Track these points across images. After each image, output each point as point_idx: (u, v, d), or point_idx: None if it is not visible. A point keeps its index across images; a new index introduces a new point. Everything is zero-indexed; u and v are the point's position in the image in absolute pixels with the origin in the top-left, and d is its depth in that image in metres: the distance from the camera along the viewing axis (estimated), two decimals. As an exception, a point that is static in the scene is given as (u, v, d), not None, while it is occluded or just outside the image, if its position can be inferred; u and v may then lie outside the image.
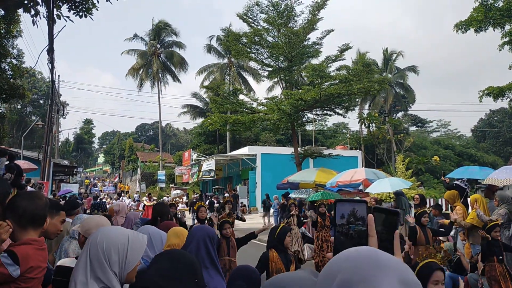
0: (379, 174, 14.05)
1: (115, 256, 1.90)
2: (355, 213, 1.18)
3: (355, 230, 1.17)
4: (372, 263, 0.84)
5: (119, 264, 1.91)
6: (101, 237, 1.95)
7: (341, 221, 1.18)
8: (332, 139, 52.83)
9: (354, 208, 1.18)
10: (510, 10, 15.58)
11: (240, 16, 21.02)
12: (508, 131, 57.97)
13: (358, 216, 1.18)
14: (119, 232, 2.01)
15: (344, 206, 1.19)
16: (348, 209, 1.18)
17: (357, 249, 0.92)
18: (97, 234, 1.99)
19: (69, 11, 9.38)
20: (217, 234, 6.41)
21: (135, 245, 1.98)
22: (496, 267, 6.08)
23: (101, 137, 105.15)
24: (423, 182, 26.81)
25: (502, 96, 16.15)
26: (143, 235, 2.10)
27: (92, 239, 1.96)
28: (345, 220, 1.18)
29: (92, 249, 1.91)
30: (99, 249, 1.90)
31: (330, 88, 18.82)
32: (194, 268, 1.94)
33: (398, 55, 48.03)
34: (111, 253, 1.90)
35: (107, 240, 1.93)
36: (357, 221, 1.17)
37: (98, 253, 1.89)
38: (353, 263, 0.86)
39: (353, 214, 1.18)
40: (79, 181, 47.51)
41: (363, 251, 0.90)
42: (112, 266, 1.89)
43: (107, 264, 1.88)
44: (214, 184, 35.79)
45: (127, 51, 47.54)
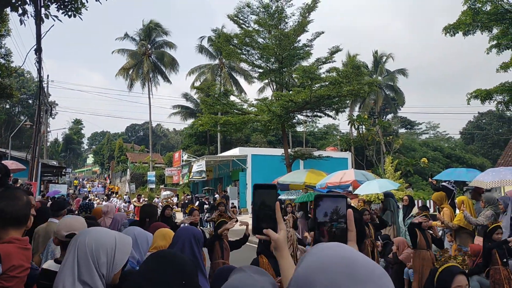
0: (368, 175, 14.12)
1: (104, 257, 1.89)
2: (337, 211, 1.19)
3: (338, 227, 1.19)
4: (349, 277, 0.83)
5: (107, 265, 1.90)
6: (89, 239, 1.93)
7: (324, 218, 1.19)
8: (322, 141, 52.98)
9: (337, 205, 1.19)
10: (497, 14, 15.78)
11: (231, 18, 21.04)
12: (496, 133, 58.63)
13: (341, 213, 1.19)
14: (106, 233, 2.01)
15: (326, 203, 1.20)
16: (331, 206, 1.20)
17: (332, 255, 0.90)
18: (85, 236, 1.97)
19: (58, 10, 9.31)
20: (212, 235, 6.37)
21: (122, 247, 1.97)
22: (501, 270, 5.98)
23: (91, 137, 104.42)
24: (412, 183, 27.02)
25: (489, 99, 16.33)
26: (128, 237, 2.09)
27: (80, 241, 1.94)
28: (328, 218, 1.19)
29: (80, 251, 1.89)
30: (88, 251, 1.88)
31: (320, 89, 18.91)
32: (184, 270, 1.90)
33: (388, 58, 48.37)
34: (100, 254, 1.89)
35: (96, 242, 1.92)
36: (339, 218, 1.19)
37: (87, 255, 1.87)
38: (329, 276, 0.84)
39: (336, 212, 1.19)
40: (67, 182, 47.12)
41: (338, 260, 0.87)
42: (101, 268, 1.88)
43: (96, 266, 1.87)
44: (204, 185, 35.70)
45: (118, 51, 47.27)
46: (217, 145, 42.90)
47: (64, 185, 30.88)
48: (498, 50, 17.65)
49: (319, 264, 0.88)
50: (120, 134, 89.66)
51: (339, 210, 1.20)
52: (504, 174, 8.11)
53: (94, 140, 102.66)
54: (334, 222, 1.19)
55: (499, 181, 8.02)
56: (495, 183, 8.01)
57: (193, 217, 6.95)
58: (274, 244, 1.36)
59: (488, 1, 15.71)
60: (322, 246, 0.96)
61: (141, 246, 3.48)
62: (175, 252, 2.17)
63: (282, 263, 1.36)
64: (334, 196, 1.22)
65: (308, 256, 0.95)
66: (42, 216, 5.11)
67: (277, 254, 1.36)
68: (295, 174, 17.82)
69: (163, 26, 48.35)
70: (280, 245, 1.35)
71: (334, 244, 0.95)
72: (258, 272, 1.35)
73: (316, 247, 0.97)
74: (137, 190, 44.79)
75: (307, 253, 0.97)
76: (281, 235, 1.35)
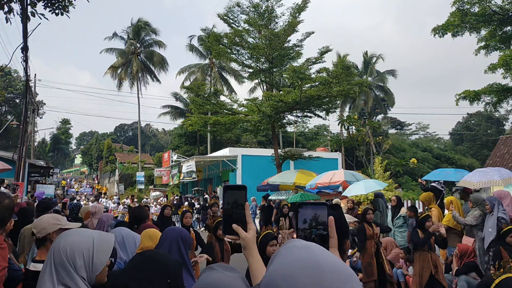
0: (357, 176, 14.15)
1: (80, 261, 1.85)
2: (316, 218, 1.27)
3: (317, 234, 1.26)
4: (314, 283, 0.82)
5: (85, 268, 1.85)
6: (64, 242, 1.89)
7: (304, 225, 1.27)
8: (313, 141, 53.10)
9: (316, 213, 1.27)
10: (485, 15, 15.93)
11: (221, 17, 20.97)
12: (485, 134, 59.27)
13: (320, 221, 1.27)
14: (82, 235, 1.95)
15: (306, 211, 1.28)
16: (310, 214, 1.27)
17: (297, 259, 0.89)
18: (60, 239, 1.93)
19: (45, 8, 9.20)
20: (213, 238, 6.15)
21: (101, 247, 1.92)
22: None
23: (79, 137, 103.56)
24: (401, 184, 27.17)
25: (477, 100, 16.47)
26: (110, 236, 2.05)
27: (55, 245, 1.90)
28: (307, 225, 1.27)
29: (55, 255, 1.86)
30: (63, 255, 1.84)
31: (310, 90, 18.92)
32: (168, 269, 1.90)
33: (378, 59, 48.62)
34: (76, 258, 1.85)
35: (70, 246, 1.87)
36: (318, 225, 1.27)
37: (62, 260, 1.83)
38: (293, 283, 0.83)
39: (315, 219, 1.27)
40: (55, 182, 46.64)
41: (303, 264, 0.86)
42: (79, 271, 1.84)
43: (73, 270, 1.83)
44: (194, 185, 35.56)
45: (106, 50, 46.92)
46: (207, 145, 42.77)
47: (51, 185, 30.55)
48: (487, 51, 17.82)
49: (284, 270, 0.88)
50: (108, 134, 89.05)
51: (318, 217, 1.27)
52: (491, 174, 8.18)
53: (83, 140, 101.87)
54: (314, 229, 1.26)
55: (486, 182, 8.09)
56: (483, 183, 8.07)
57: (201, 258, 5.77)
58: (243, 242, 1.40)
59: (476, 3, 15.85)
60: (291, 247, 0.95)
61: (128, 247, 3.44)
62: (160, 252, 2.16)
63: (251, 261, 1.41)
64: (314, 204, 1.29)
65: (277, 257, 0.95)
66: (28, 217, 5.05)
67: (246, 252, 1.40)
68: (285, 174, 17.81)
69: (152, 25, 48.13)
70: (249, 243, 1.40)
71: (302, 245, 0.95)
72: (228, 269, 1.37)
73: (285, 247, 0.98)
74: (126, 190, 44.49)
75: (277, 253, 0.97)
76: (250, 234, 1.41)
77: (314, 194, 14.84)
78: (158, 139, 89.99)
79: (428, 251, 6.67)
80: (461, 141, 63.84)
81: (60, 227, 2.84)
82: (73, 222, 3.17)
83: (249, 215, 1.42)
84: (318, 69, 20.60)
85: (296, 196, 14.22)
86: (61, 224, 2.86)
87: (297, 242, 0.99)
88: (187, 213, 7.35)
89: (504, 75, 15.04)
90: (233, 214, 1.44)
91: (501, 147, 27.79)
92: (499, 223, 6.75)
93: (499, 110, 17.61)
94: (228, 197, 1.46)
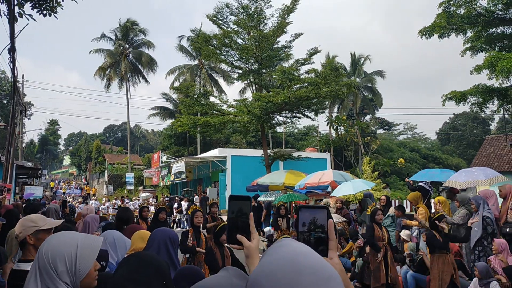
0: (346, 176, 14.25)
1: (62, 266, 1.82)
2: (315, 221, 1.30)
3: (315, 237, 1.29)
4: (293, 282, 0.86)
5: (68, 274, 1.82)
6: (46, 247, 1.87)
7: (303, 228, 1.30)
8: (302, 142, 53.28)
9: (315, 216, 1.30)
10: (471, 17, 16.14)
11: (210, 18, 20.97)
12: (471, 134, 59.98)
13: (318, 224, 1.30)
14: (65, 240, 1.91)
15: (306, 214, 1.31)
16: (309, 217, 1.30)
17: (281, 258, 0.93)
18: (44, 244, 1.91)
19: (32, 9, 9.15)
20: (213, 244, 6.00)
21: (85, 252, 1.88)
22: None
23: (67, 138, 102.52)
24: (389, 184, 27.40)
25: (464, 101, 16.66)
26: (96, 239, 2.01)
27: (40, 250, 1.89)
28: (306, 228, 1.30)
29: (40, 260, 1.85)
30: (46, 260, 1.83)
31: (299, 91, 19.00)
32: (163, 271, 1.92)
33: (366, 59, 48.94)
34: (57, 264, 1.82)
35: (52, 251, 1.85)
36: (317, 228, 1.30)
37: (45, 265, 1.82)
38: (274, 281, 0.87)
39: (313, 222, 1.30)
40: (44, 184, 46.17)
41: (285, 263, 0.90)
42: (61, 277, 1.81)
43: (55, 275, 1.81)
44: (183, 186, 35.46)
45: (95, 50, 46.58)
46: (197, 146, 42.67)
47: (39, 187, 30.26)
48: (472, 52, 18.05)
49: (266, 270, 0.92)
50: (97, 135, 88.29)
51: (317, 220, 1.29)
52: (477, 174, 8.31)
53: (71, 141, 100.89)
54: (312, 232, 1.29)
55: (472, 182, 8.21)
56: (468, 183, 8.20)
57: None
58: (247, 251, 1.40)
59: (462, 5, 16.06)
60: (277, 246, 0.99)
61: (119, 250, 3.46)
62: (153, 254, 2.18)
63: (252, 270, 1.39)
64: (314, 207, 1.32)
65: (264, 256, 0.99)
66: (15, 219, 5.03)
67: (248, 261, 1.40)
68: (274, 174, 17.86)
69: (141, 25, 47.92)
70: (252, 252, 1.40)
71: (288, 245, 0.98)
72: (240, 276, 1.35)
73: (273, 246, 1.02)
74: (115, 191, 44.22)
75: (265, 252, 1.01)
76: (253, 243, 1.41)
77: (303, 194, 14.91)
78: (147, 140, 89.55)
79: (446, 253, 6.44)
80: (447, 141, 64.53)
81: (37, 229, 2.81)
82: (55, 220, 3.16)
83: (253, 225, 1.45)
84: (307, 69, 20.72)
85: (283, 196, 14.28)
86: (38, 225, 2.82)
87: (285, 241, 1.02)
88: (197, 212, 6.75)
89: (490, 76, 15.24)
90: (237, 223, 1.45)
91: (487, 147, 28.16)
92: (485, 222, 6.87)
93: (484, 110, 17.83)
94: (233, 207, 1.48)
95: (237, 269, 1.35)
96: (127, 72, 46.08)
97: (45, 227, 2.87)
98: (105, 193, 44.42)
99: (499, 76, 13.66)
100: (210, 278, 1.35)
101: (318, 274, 0.88)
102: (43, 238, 2.57)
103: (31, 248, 2.77)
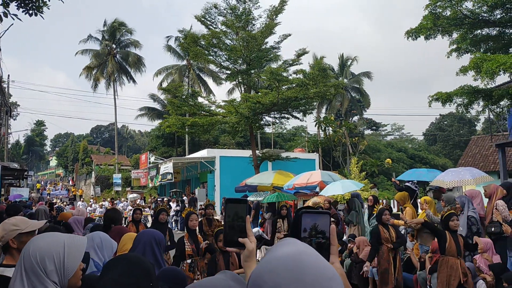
0: (334, 176, 14.31)
1: (51, 265, 1.83)
2: (316, 227, 1.31)
3: (316, 242, 1.30)
4: (296, 281, 0.87)
5: (57, 273, 1.83)
6: (33, 248, 1.87)
7: (304, 234, 1.31)
8: (291, 142, 53.40)
9: (316, 222, 1.32)
10: (456, 19, 16.34)
11: (198, 18, 20.92)
12: (457, 134, 60.66)
13: (319, 229, 1.31)
14: (52, 240, 1.93)
15: (307, 220, 1.32)
16: (311, 223, 1.32)
17: (283, 257, 0.94)
18: (29, 245, 1.90)
19: (18, 9, 9.03)
20: (215, 248, 5.77)
21: (72, 251, 1.90)
22: None
23: (54, 139, 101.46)
24: (377, 184, 27.60)
25: (449, 101, 16.83)
26: (81, 239, 2.03)
27: (25, 251, 1.88)
28: (307, 234, 1.31)
29: (26, 261, 1.84)
30: (33, 261, 1.83)
31: (288, 91, 19.03)
32: (149, 272, 1.92)
33: (354, 60, 49.27)
34: (46, 263, 1.83)
35: (40, 251, 1.85)
36: (318, 234, 1.31)
37: (33, 265, 1.82)
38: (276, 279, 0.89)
39: (314, 228, 1.31)
40: (30, 185, 45.60)
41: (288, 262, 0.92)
42: (50, 276, 1.82)
43: (44, 275, 1.81)
44: (172, 187, 35.32)
45: (81, 52, 46.16)
46: (185, 146, 42.53)
47: (25, 188, 29.90)
48: (458, 54, 18.27)
49: (270, 266, 0.93)
50: (84, 136, 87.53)
51: (318, 226, 1.31)
52: (463, 174, 8.42)
53: (58, 142, 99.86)
54: (313, 238, 1.30)
55: (459, 181, 8.32)
56: (455, 182, 8.30)
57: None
58: (247, 253, 1.42)
59: (448, 7, 16.25)
60: (281, 244, 1.01)
61: (106, 250, 3.43)
62: (139, 255, 2.17)
63: (248, 273, 1.41)
64: (316, 212, 1.34)
65: (268, 253, 1.01)
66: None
67: (246, 264, 1.42)
68: (263, 175, 17.86)
69: (128, 25, 47.63)
70: (252, 255, 1.42)
71: (291, 243, 1.01)
72: (237, 280, 1.35)
73: (277, 244, 1.04)
74: (103, 193, 43.87)
75: (269, 249, 1.04)
76: (251, 246, 1.44)
77: (291, 194, 14.95)
78: (135, 141, 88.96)
79: (457, 257, 6.02)
80: (434, 141, 65.22)
81: (19, 232, 2.77)
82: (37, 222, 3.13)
83: (249, 228, 1.45)
84: (295, 70, 20.77)
85: (272, 196, 14.29)
86: (20, 228, 2.79)
87: (288, 240, 1.04)
88: (192, 215, 6.45)
89: (475, 77, 15.43)
90: (234, 226, 1.46)
91: (473, 147, 28.55)
92: (469, 221, 6.96)
93: (470, 111, 18.04)
94: (229, 210, 1.48)
95: (233, 273, 1.35)
96: (114, 72, 45.75)
97: (28, 230, 2.83)
98: (92, 194, 44.03)
99: (484, 77, 13.83)
100: (207, 279, 1.36)
101: (321, 273, 0.90)
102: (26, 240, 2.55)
103: (14, 252, 2.72)
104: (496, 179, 18.45)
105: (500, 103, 17.15)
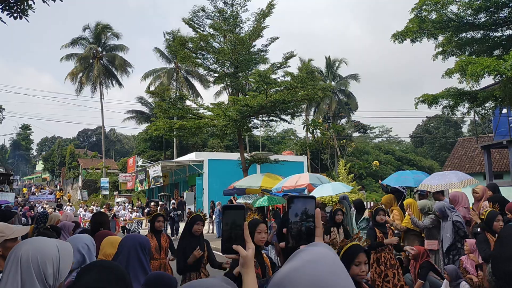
0: (322, 179, 14.37)
1: (50, 269, 1.85)
2: (306, 212, 1.36)
3: (306, 226, 1.35)
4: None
5: (53, 276, 1.86)
6: (33, 251, 1.87)
7: (295, 218, 1.35)
8: (279, 145, 53.49)
9: (306, 206, 1.36)
10: (442, 22, 16.50)
11: (186, 21, 20.84)
12: (443, 136, 61.32)
13: (309, 214, 1.36)
14: (46, 244, 1.94)
15: (298, 205, 1.36)
16: (301, 208, 1.36)
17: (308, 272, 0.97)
18: (24, 249, 1.88)
19: (2, 11, 8.91)
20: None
21: (64, 255, 1.94)
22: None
23: (40, 143, 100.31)
24: (365, 186, 27.75)
25: (436, 103, 16.96)
26: (68, 244, 2.05)
27: (23, 255, 1.85)
28: (299, 218, 1.35)
29: (24, 265, 1.82)
30: (33, 264, 1.82)
31: (276, 94, 19.05)
32: (124, 279, 1.89)
33: (341, 63, 49.50)
34: (47, 266, 1.84)
35: (41, 255, 1.86)
36: (308, 218, 1.36)
37: (31, 269, 1.81)
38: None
39: (305, 213, 1.35)
40: (16, 190, 45.00)
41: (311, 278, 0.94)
42: (48, 280, 1.83)
43: (43, 279, 1.82)
44: (160, 191, 35.12)
45: (66, 56, 45.71)
46: (173, 150, 42.34)
47: (11, 193, 29.52)
48: (444, 56, 18.42)
49: (293, 277, 0.96)
50: (71, 140, 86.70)
51: (308, 210, 1.36)
52: (449, 177, 8.47)
53: (44, 146, 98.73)
54: (304, 222, 1.35)
55: (445, 184, 8.36)
56: (442, 186, 8.34)
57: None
58: (243, 260, 1.43)
59: (434, 10, 16.39)
60: (307, 255, 1.04)
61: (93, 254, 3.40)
62: (113, 262, 2.15)
63: (246, 279, 1.44)
64: (303, 197, 1.38)
65: (293, 260, 1.04)
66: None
67: (244, 270, 1.43)
68: (251, 178, 17.84)
69: (113, 28, 47.33)
70: (248, 262, 1.43)
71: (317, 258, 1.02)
72: (229, 283, 1.36)
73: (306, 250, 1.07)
74: (90, 197, 43.47)
75: (295, 255, 1.06)
76: (249, 252, 1.44)
77: (281, 197, 14.96)
78: (123, 144, 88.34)
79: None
80: (421, 143, 65.86)
81: (5, 238, 2.76)
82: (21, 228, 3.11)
83: (247, 234, 1.45)
84: (283, 72, 20.79)
85: (264, 199, 14.28)
86: (5, 235, 2.77)
87: (313, 251, 1.06)
88: (159, 216, 5.99)
89: (460, 80, 15.57)
90: (232, 234, 1.46)
91: (459, 149, 28.88)
92: (455, 227, 7.00)
93: (456, 113, 18.21)
94: (227, 217, 1.49)
95: (225, 277, 1.37)
96: (100, 76, 45.38)
97: (12, 236, 2.81)
98: (79, 198, 43.59)
99: (469, 80, 13.97)
100: (200, 280, 1.36)
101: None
102: (11, 247, 2.53)
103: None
104: (482, 180, 18.68)
105: (485, 105, 17.34)
